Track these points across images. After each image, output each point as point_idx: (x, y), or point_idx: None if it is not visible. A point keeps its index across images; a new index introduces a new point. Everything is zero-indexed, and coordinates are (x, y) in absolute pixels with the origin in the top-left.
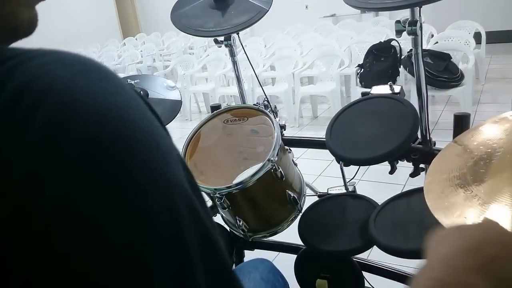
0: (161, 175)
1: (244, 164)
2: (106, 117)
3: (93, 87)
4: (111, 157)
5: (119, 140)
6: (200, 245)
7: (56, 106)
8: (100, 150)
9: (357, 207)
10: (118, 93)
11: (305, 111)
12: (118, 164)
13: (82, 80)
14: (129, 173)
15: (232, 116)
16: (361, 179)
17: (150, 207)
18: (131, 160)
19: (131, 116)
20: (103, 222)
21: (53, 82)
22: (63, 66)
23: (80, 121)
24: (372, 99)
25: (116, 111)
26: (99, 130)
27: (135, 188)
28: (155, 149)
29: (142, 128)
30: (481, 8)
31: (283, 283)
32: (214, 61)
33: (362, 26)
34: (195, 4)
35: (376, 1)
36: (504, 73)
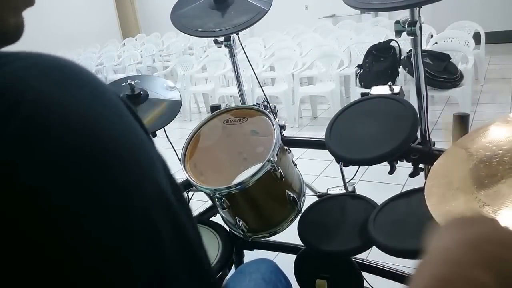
0: (132, 182)
1: (243, 164)
2: (77, 129)
3: (67, 97)
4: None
5: (90, 152)
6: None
7: (27, 119)
8: (71, 156)
9: (357, 207)
10: (93, 102)
11: (304, 111)
12: (90, 171)
13: (57, 89)
14: (105, 176)
15: (232, 116)
16: (360, 179)
17: (127, 205)
18: (102, 171)
19: (104, 128)
20: (76, 214)
21: (26, 91)
22: (39, 74)
23: (50, 135)
24: (372, 99)
25: (88, 122)
26: (70, 140)
27: (113, 191)
28: (128, 162)
29: (114, 139)
30: (480, 8)
31: (285, 284)
32: (213, 62)
33: (361, 27)
34: (195, 4)
35: (376, 2)
36: (504, 73)
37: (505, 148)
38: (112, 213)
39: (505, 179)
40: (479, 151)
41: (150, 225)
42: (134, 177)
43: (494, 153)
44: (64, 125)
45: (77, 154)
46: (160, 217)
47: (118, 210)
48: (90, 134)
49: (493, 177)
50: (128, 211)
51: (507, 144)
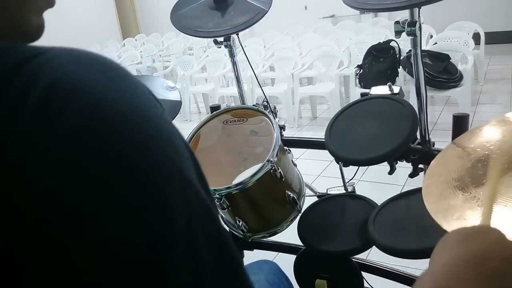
0: (176, 172)
1: (243, 164)
2: (128, 116)
3: (113, 86)
4: (132, 157)
5: (140, 141)
6: (211, 245)
7: (81, 108)
8: (123, 150)
9: (357, 207)
10: (136, 92)
11: (304, 111)
12: (136, 163)
13: (103, 79)
14: (145, 172)
15: (232, 116)
16: (360, 180)
17: (166, 205)
18: (149, 158)
19: (150, 115)
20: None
21: (77, 83)
22: (84, 66)
23: (103, 122)
24: (371, 99)
25: (136, 110)
26: (121, 130)
27: (151, 187)
28: (171, 147)
29: (160, 128)
30: (480, 9)
31: (287, 285)
32: (213, 62)
33: (361, 27)
34: (195, 5)
35: (375, 2)
36: (503, 73)
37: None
38: (150, 218)
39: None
40: (477, 150)
41: (189, 233)
42: (172, 169)
43: (492, 152)
44: (115, 114)
45: (127, 153)
46: (195, 206)
47: (157, 211)
48: (139, 126)
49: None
50: (167, 209)
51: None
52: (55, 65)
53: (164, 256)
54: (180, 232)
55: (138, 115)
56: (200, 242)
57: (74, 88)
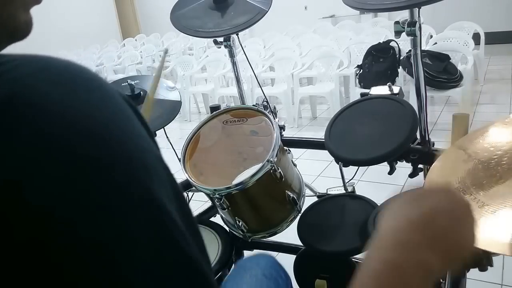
0: (144, 190)
1: (243, 164)
2: (89, 133)
3: (78, 101)
4: (94, 168)
5: (101, 155)
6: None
7: (36, 120)
8: (82, 162)
9: (356, 207)
10: (104, 106)
11: (304, 111)
12: (100, 173)
13: (67, 94)
14: (110, 179)
15: (232, 116)
16: (360, 180)
17: (137, 213)
18: (112, 173)
19: (114, 132)
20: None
21: (36, 97)
22: (48, 78)
23: (60, 138)
24: (371, 99)
25: (99, 127)
26: (82, 144)
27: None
28: (137, 167)
29: (124, 145)
30: (480, 9)
31: (285, 279)
32: (213, 62)
33: (361, 27)
34: (195, 5)
35: (375, 2)
36: (503, 74)
37: (503, 149)
38: (119, 221)
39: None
40: (478, 152)
41: (165, 232)
42: (143, 183)
43: (493, 154)
44: (75, 131)
45: (85, 161)
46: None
47: (126, 217)
48: (100, 139)
49: (492, 178)
50: (138, 219)
51: (506, 145)
52: (12, 78)
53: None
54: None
55: (100, 131)
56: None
57: (31, 103)
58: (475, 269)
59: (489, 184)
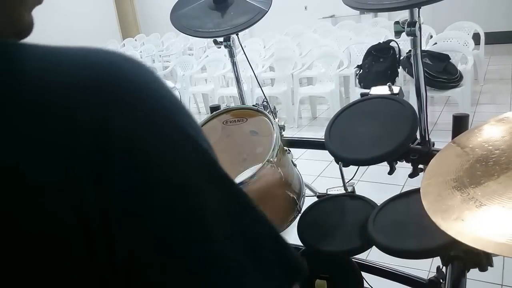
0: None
1: (243, 164)
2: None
3: (153, 89)
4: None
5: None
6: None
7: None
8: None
9: (356, 207)
10: (168, 97)
11: (304, 111)
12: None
13: (147, 82)
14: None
15: (232, 117)
16: (360, 180)
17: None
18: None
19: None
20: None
21: (122, 77)
22: (129, 67)
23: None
24: (371, 99)
25: (169, 113)
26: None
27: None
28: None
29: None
30: (480, 9)
31: None
32: (213, 62)
33: (361, 27)
34: (195, 5)
35: (375, 2)
36: (503, 74)
37: (501, 148)
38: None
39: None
40: (475, 150)
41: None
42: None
43: (491, 152)
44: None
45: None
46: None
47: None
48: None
49: (490, 177)
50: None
51: (503, 144)
52: (97, 63)
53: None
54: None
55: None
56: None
57: (118, 83)
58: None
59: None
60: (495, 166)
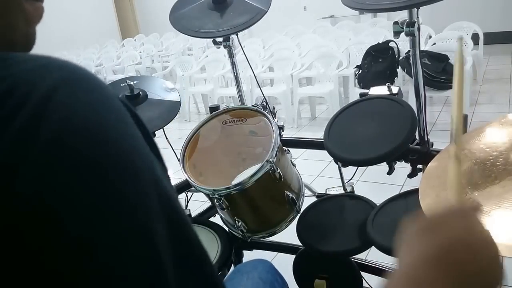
0: (124, 196)
1: (242, 165)
2: (81, 134)
3: (74, 99)
4: (76, 165)
5: (95, 155)
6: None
7: (32, 115)
8: (64, 156)
9: (355, 207)
10: (100, 107)
11: (303, 112)
12: (100, 167)
13: (65, 90)
14: (106, 175)
15: (231, 117)
16: (359, 180)
17: (127, 204)
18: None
19: (109, 134)
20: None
21: (33, 91)
22: (48, 74)
23: (50, 129)
24: (370, 100)
25: (93, 127)
26: (67, 138)
27: (112, 189)
28: (126, 172)
29: (119, 148)
30: (478, 9)
31: (281, 283)
32: (213, 62)
33: (360, 27)
34: (194, 5)
35: (374, 2)
36: (502, 74)
37: (499, 149)
38: (112, 226)
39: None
40: (474, 153)
41: (151, 246)
42: (135, 187)
43: (489, 154)
44: (69, 128)
45: (78, 159)
46: (161, 233)
47: (119, 222)
48: (94, 139)
49: (487, 178)
50: (130, 225)
51: (501, 146)
52: (16, 71)
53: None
54: (139, 227)
55: (95, 132)
56: (160, 239)
57: (29, 96)
58: None
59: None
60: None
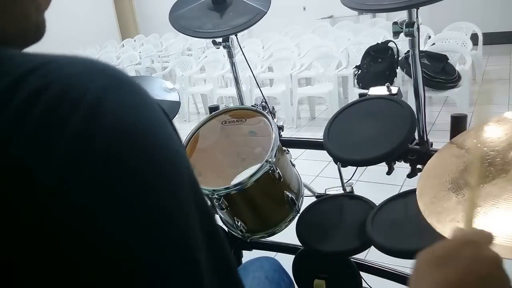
0: (181, 175)
1: (242, 165)
2: (131, 134)
3: (122, 101)
4: (131, 173)
5: (141, 157)
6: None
7: (86, 119)
8: (120, 165)
9: (355, 207)
10: (144, 110)
11: (303, 112)
12: (136, 179)
13: (112, 93)
14: (145, 187)
15: (230, 117)
16: (358, 180)
17: (164, 209)
18: (149, 177)
19: (155, 135)
20: (122, 236)
21: (85, 94)
22: (94, 78)
23: (105, 135)
24: (370, 100)
25: (141, 128)
26: (121, 145)
27: (149, 190)
28: (172, 169)
29: (163, 147)
30: (478, 9)
31: (288, 283)
32: (212, 63)
33: (359, 28)
34: (194, 5)
35: (373, 3)
36: (501, 74)
37: (496, 149)
38: (148, 231)
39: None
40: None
41: (188, 252)
42: (183, 190)
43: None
44: (121, 133)
45: (133, 164)
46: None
47: (155, 227)
48: (145, 143)
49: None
50: (166, 229)
51: (499, 145)
52: (64, 75)
53: (158, 258)
54: (178, 234)
55: (142, 134)
56: (199, 246)
57: (80, 99)
58: None
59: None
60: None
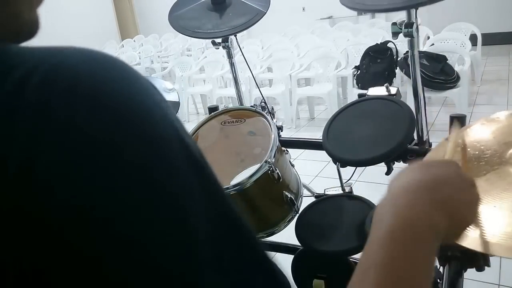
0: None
1: (241, 165)
2: (125, 113)
3: (98, 72)
4: (129, 155)
5: (138, 143)
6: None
7: (42, 85)
8: (116, 150)
9: (354, 207)
10: (145, 95)
11: (302, 112)
12: (134, 164)
13: (105, 74)
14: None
15: (230, 117)
16: (357, 180)
17: (172, 201)
18: (149, 159)
19: (153, 117)
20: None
21: (60, 68)
22: (74, 55)
23: (96, 115)
24: (369, 100)
25: (139, 115)
26: (116, 127)
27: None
28: (161, 143)
29: (160, 127)
30: (476, 10)
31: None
32: (211, 63)
33: (358, 28)
34: (193, 6)
35: (373, 3)
36: (500, 74)
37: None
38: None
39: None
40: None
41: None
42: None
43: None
44: (125, 127)
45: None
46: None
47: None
48: (141, 133)
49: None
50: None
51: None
52: (70, 66)
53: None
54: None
55: (139, 115)
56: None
57: (77, 77)
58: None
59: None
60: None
